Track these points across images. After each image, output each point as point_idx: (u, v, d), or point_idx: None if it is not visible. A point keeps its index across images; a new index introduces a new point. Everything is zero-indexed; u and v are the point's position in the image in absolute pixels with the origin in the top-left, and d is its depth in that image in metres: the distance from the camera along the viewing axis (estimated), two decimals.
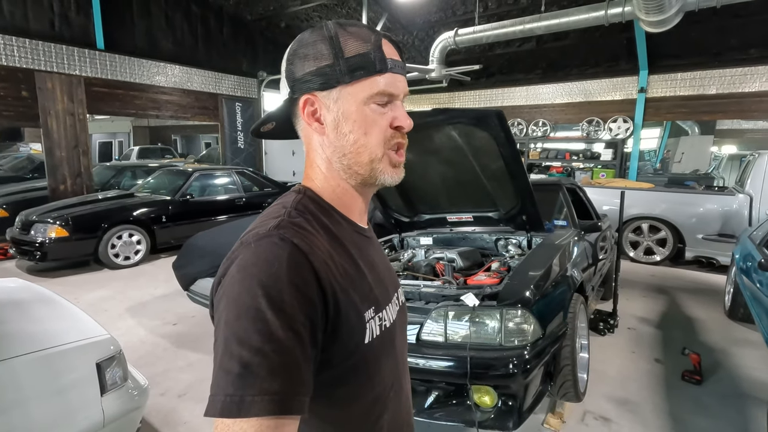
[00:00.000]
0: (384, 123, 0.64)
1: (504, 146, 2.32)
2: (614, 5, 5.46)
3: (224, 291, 0.56)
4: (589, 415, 2.51)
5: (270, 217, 0.62)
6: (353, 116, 0.63)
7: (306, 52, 0.64)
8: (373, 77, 0.63)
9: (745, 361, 3.17)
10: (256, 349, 0.50)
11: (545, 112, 9.02)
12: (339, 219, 0.67)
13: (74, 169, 6.81)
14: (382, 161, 0.65)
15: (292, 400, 0.51)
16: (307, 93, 0.65)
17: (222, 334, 0.53)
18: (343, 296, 0.59)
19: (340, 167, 0.66)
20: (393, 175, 0.67)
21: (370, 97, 0.63)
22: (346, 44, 0.62)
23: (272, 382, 0.49)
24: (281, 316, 0.51)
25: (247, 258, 0.56)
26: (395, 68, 0.64)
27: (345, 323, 0.59)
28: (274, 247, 0.56)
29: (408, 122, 0.65)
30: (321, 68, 0.63)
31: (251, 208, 6.85)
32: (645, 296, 4.59)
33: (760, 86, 6.83)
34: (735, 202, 5.35)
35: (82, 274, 5.29)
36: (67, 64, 6.63)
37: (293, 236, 0.57)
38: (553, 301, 2.16)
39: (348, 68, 0.62)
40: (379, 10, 8.11)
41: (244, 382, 0.49)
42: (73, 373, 1.68)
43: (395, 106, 0.65)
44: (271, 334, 0.51)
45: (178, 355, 3.25)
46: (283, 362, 0.51)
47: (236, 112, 9.23)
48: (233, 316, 0.53)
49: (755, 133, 14.45)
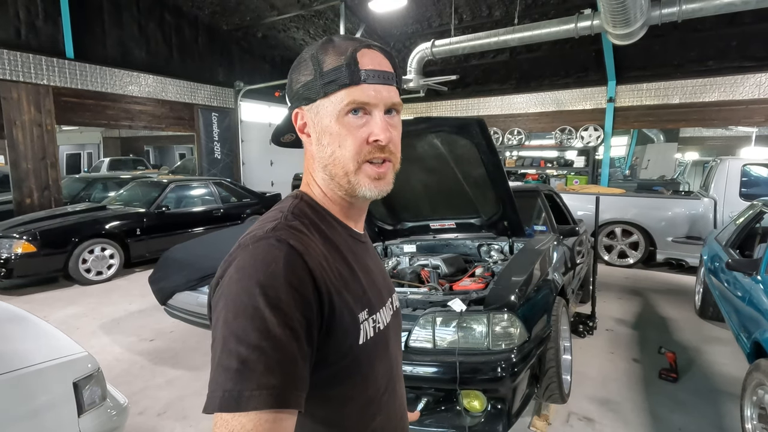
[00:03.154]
0: (360, 136, 0.64)
1: (485, 154, 2.38)
2: (583, 19, 5.69)
3: (222, 291, 0.57)
4: (574, 416, 2.55)
5: (267, 220, 0.64)
6: (329, 129, 0.65)
7: (298, 68, 0.68)
8: (346, 89, 0.62)
9: (717, 358, 3.30)
10: (254, 346, 0.51)
11: (520, 121, 9.26)
12: (334, 223, 0.69)
13: (41, 181, 6.54)
14: (357, 174, 0.65)
15: (289, 395, 0.52)
16: (297, 107, 0.69)
17: (220, 333, 0.54)
18: (337, 297, 0.61)
19: (326, 178, 0.69)
20: (372, 188, 0.66)
21: (342, 109, 0.63)
22: (324, 59, 0.64)
23: (270, 377, 0.50)
24: (278, 314, 0.53)
25: (244, 259, 0.57)
26: (371, 78, 0.63)
27: (339, 323, 0.61)
28: (271, 248, 0.57)
29: (383, 135, 0.64)
30: (306, 83, 0.66)
31: (229, 219, 6.73)
32: (621, 298, 4.73)
33: (719, 96, 7.22)
34: (701, 205, 5.61)
35: (50, 291, 5.06)
36: (34, 73, 6.39)
37: (289, 238, 0.59)
38: (537, 305, 2.20)
39: (323, 82, 0.64)
40: (356, 21, 8.20)
41: (242, 377, 0.50)
42: (48, 393, 1.60)
43: (373, 118, 0.64)
44: (269, 331, 0.52)
45: (156, 373, 3.13)
46: (280, 358, 0.52)
47: (213, 122, 9.09)
48: (231, 315, 0.54)
49: (715, 140, 15.26)
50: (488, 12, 7.60)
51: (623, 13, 4.77)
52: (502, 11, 7.46)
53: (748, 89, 7.00)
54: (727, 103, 7.19)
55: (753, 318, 2.49)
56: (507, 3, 7.27)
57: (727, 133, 13.95)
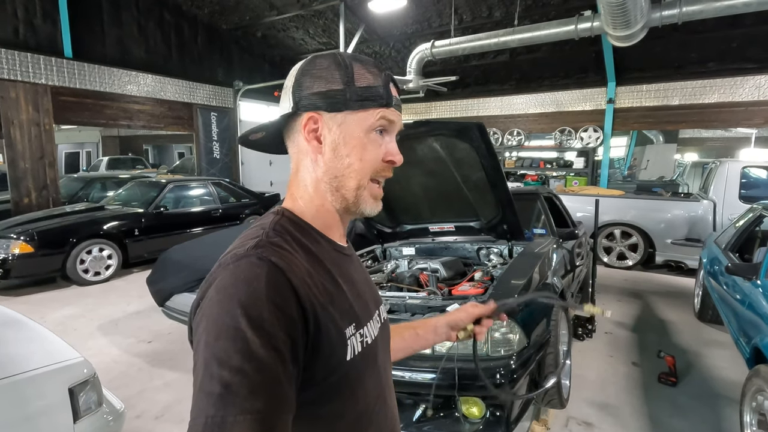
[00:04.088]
0: (380, 153, 0.68)
1: (485, 157, 2.36)
2: (584, 20, 5.68)
3: (203, 313, 0.55)
4: (573, 420, 2.55)
5: (248, 238, 0.62)
6: (354, 141, 0.66)
7: (319, 73, 0.66)
8: (380, 109, 0.67)
9: (716, 362, 3.30)
10: (237, 369, 0.49)
11: (519, 122, 9.26)
12: (318, 238, 0.68)
13: (39, 181, 6.52)
14: (366, 189, 0.68)
15: (276, 419, 0.50)
16: (312, 111, 0.66)
17: (201, 356, 0.52)
18: (322, 313, 0.59)
19: (328, 189, 0.67)
20: (372, 206, 0.70)
21: (372, 125, 0.66)
22: (359, 75, 0.66)
23: (254, 401, 0.49)
24: (261, 334, 0.51)
25: (225, 279, 0.56)
26: (397, 105, 0.70)
27: (326, 340, 0.59)
28: (252, 267, 0.56)
29: (399, 158, 0.70)
30: (331, 91, 0.65)
31: (228, 220, 6.71)
32: (620, 300, 4.72)
33: (719, 98, 7.22)
34: (700, 207, 5.60)
35: (48, 291, 5.04)
36: (32, 72, 6.37)
37: (271, 255, 0.57)
38: (536, 310, 2.19)
39: (357, 96, 0.65)
40: (356, 22, 8.17)
41: (225, 402, 0.48)
42: (43, 400, 1.59)
43: (391, 140, 0.70)
44: (252, 352, 0.50)
45: (154, 375, 3.12)
46: (264, 380, 0.50)
47: (212, 121, 9.07)
48: (213, 337, 0.52)
49: (714, 141, 15.28)
50: (488, 13, 7.59)
51: (623, 15, 4.76)
52: (503, 12, 7.45)
53: (747, 91, 7.00)
54: (726, 104, 7.19)
55: (753, 323, 2.48)
56: (507, 4, 7.26)
57: (727, 134, 13.98)
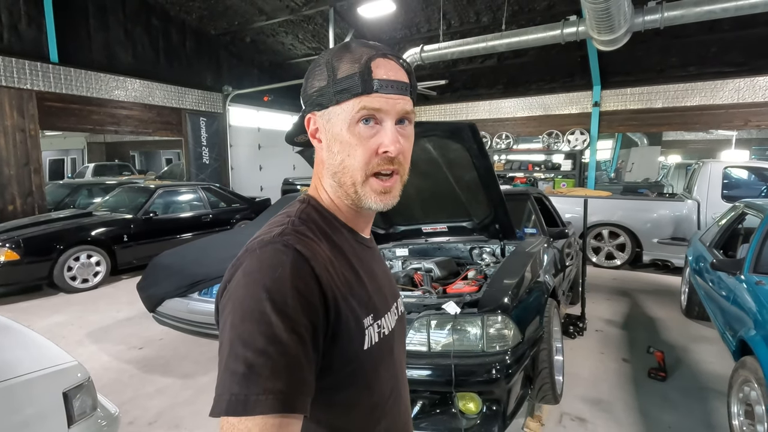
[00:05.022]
0: (370, 147, 0.63)
1: (477, 158, 2.40)
2: (569, 25, 5.81)
3: (230, 295, 0.57)
4: (566, 416, 2.58)
5: (275, 225, 0.64)
6: (340, 137, 0.64)
7: (313, 73, 0.68)
8: (358, 98, 0.62)
9: (704, 356, 3.37)
10: (260, 351, 0.52)
11: (508, 125, 9.38)
12: (341, 228, 0.70)
13: (25, 188, 6.40)
14: (364, 186, 0.65)
15: (295, 399, 0.52)
16: (310, 111, 0.68)
17: (227, 337, 0.54)
18: (342, 302, 0.61)
19: (335, 185, 0.68)
20: (377, 201, 0.66)
21: (353, 117, 0.63)
22: (339, 66, 0.64)
23: (276, 382, 0.51)
24: (284, 319, 0.53)
25: (252, 264, 0.58)
26: (384, 88, 0.62)
27: (345, 329, 0.61)
28: (277, 253, 0.58)
29: (393, 147, 0.63)
30: (320, 89, 0.65)
31: (218, 225, 6.66)
32: (609, 299, 4.80)
33: (700, 100, 7.42)
34: (684, 207, 5.73)
35: (34, 299, 4.94)
36: (16, 77, 6.27)
37: (296, 243, 0.59)
38: (529, 307, 2.23)
39: (336, 90, 0.63)
40: (345, 26, 8.23)
41: (248, 382, 0.50)
42: (37, 404, 1.56)
43: (384, 128, 0.64)
44: (275, 336, 0.52)
45: (145, 381, 3.08)
46: (286, 363, 0.52)
47: (201, 126, 9.01)
48: (238, 319, 0.54)
49: (697, 143, 15.64)
50: (476, 18, 7.70)
51: (607, 20, 4.88)
52: (490, 17, 7.57)
53: (727, 94, 7.20)
54: (707, 107, 7.39)
55: (738, 317, 2.55)
56: (494, 9, 7.38)
57: (708, 136, 14.32)
